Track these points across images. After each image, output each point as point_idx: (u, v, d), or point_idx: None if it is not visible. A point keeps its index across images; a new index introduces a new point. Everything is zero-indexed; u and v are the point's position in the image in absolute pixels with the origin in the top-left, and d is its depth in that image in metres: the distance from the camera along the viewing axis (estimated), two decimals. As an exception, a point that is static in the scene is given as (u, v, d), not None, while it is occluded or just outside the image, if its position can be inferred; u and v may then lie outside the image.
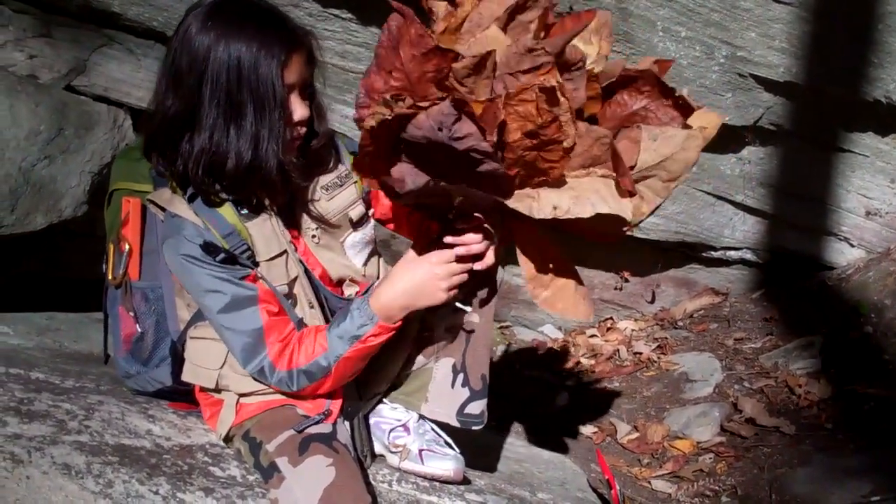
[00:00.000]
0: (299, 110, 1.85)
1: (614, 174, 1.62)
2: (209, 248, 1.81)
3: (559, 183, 1.63)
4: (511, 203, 1.64)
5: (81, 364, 2.38)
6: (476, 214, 1.76)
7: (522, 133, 1.56)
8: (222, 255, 1.82)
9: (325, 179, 2.04)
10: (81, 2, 3.22)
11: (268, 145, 1.79)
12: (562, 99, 1.51)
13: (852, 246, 4.17)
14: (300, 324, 1.91)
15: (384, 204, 2.16)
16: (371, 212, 2.13)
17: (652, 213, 1.73)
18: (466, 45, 1.64)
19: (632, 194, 1.63)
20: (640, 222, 1.72)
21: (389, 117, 1.50)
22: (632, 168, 1.65)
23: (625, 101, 1.72)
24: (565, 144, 1.56)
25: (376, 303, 1.84)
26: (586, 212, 1.61)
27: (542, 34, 1.66)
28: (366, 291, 2.07)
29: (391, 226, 2.23)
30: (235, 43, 1.75)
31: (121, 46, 3.41)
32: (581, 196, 1.62)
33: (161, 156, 1.88)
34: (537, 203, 1.63)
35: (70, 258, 3.16)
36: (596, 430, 3.42)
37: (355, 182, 2.07)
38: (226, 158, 1.79)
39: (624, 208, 1.61)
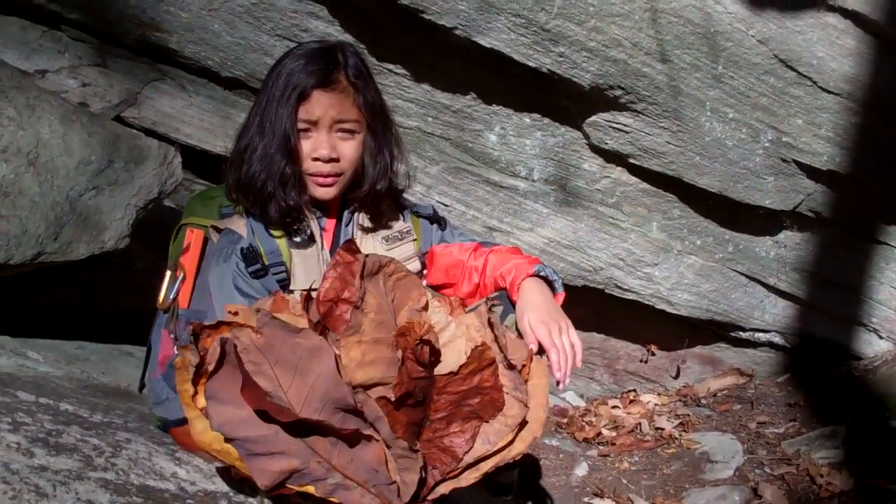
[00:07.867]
0: (320, 148, 1.92)
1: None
2: (249, 254, 1.87)
3: None
4: None
5: (110, 398, 2.38)
6: None
7: None
8: (256, 267, 1.88)
9: (385, 232, 2.09)
10: (139, 35, 3.27)
11: (275, 167, 1.89)
12: None
13: (881, 338, 4.14)
14: None
15: (438, 268, 2.18)
16: (425, 272, 2.16)
17: None
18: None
19: None
20: None
21: None
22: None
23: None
24: None
25: None
26: None
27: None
28: None
29: (444, 292, 2.23)
30: (283, 75, 1.90)
31: (173, 82, 3.45)
32: None
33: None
34: None
35: (105, 289, 3.18)
36: (613, 504, 3.37)
37: (414, 240, 2.12)
38: (247, 168, 1.92)
39: None
